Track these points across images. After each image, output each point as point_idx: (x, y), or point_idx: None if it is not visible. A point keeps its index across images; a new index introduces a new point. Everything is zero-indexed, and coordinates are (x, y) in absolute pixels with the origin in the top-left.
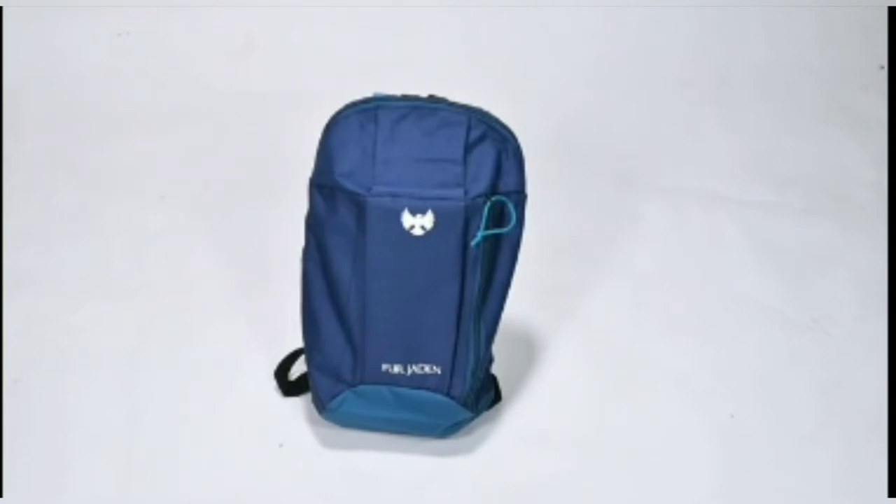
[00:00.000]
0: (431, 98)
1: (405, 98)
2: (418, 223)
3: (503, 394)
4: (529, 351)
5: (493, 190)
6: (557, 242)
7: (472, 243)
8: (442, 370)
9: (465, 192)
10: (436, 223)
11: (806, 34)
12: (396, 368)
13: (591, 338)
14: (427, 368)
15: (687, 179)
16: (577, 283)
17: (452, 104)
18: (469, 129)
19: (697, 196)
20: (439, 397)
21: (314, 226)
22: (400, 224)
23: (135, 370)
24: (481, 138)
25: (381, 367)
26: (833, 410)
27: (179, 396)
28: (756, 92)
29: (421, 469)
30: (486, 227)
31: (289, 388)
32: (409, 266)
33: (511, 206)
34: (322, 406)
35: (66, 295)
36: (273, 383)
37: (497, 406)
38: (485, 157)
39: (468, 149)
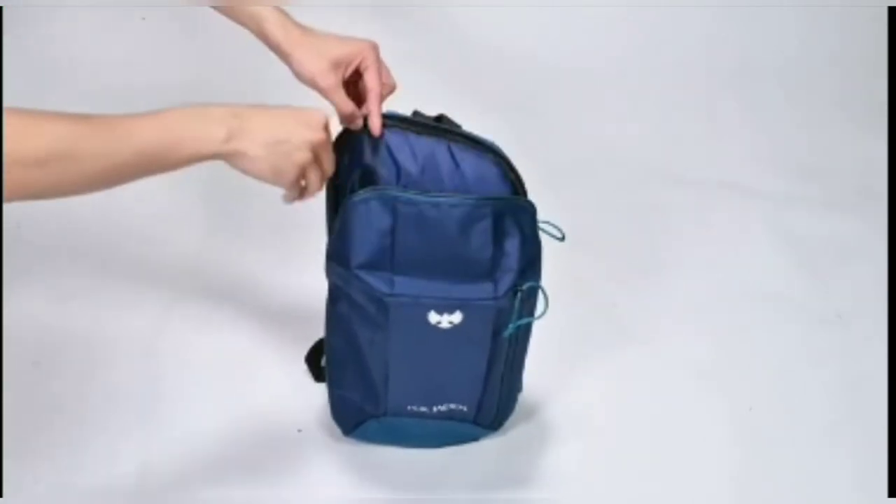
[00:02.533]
0: (441, 120)
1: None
2: (446, 319)
3: (524, 383)
4: (550, 341)
5: (521, 272)
6: (578, 234)
7: (505, 335)
8: (468, 407)
9: (495, 286)
10: (465, 319)
11: (830, 27)
12: (422, 409)
13: (612, 328)
14: (453, 406)
15: (709, 171)
16: (597, 275)
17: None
18: (494, 221)
19: (719, 187)
20: (466, 425)
21: (331, 284)
22: (426, 321)
23: (155, 355)
24: (505, 224)
25: (406, 408)
26: (853, 405)
27: (199, 382)
28: (779, 84)
29: (436, 456)
30: (518, 317)
31: (320, 373)
32: (435, 351)
33: (542, 290)
34: (344, 431)
35: (85, 278)
36: (293, 369)
37: (517, 395)
38: (511, 242)
39: (495, 242)
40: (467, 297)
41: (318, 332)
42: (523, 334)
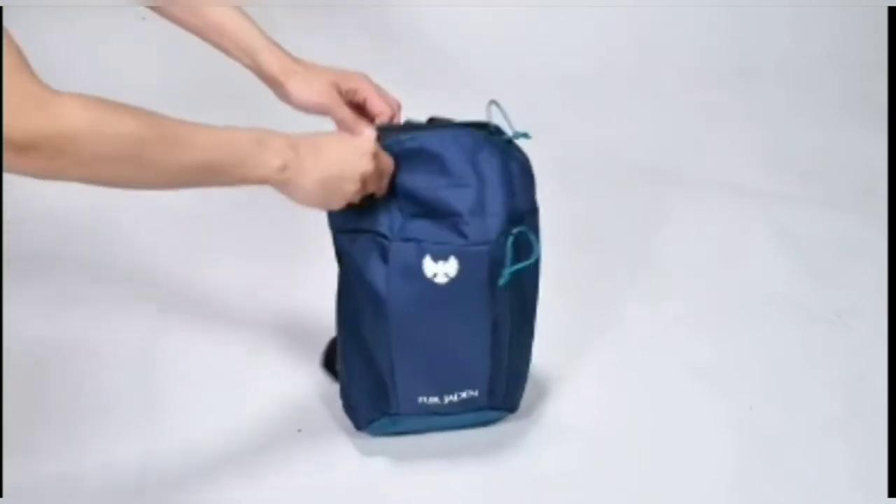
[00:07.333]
0: (432, 122)
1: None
2: (441, 270)
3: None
4: (550, 342)
5: (510, 219)
6: (579, 233)
7: (500, 283)
8: (479, 392)
9: (485, 232)
10: (460, 268)
11: (830, 26)
12: (433, 400)
13: (612, 329)
14: (464, 394)
15: (709, 171)
16: (598, 274)
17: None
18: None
19: (720, 187)
20: (482, 412)
21: (340, 266)
22: (421, 272)
23: (156, 356)
24: (489, 156)
25: (417, 401)
26: (853, 404)
27: (199, 383)
28: (780, 84)
29: (437, 455)
30: (512, 263)
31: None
32: (435, 313)
33: (532, 235)
34: (358, 427)
35: (85, 280)
36: (293, 369)
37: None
38: (493, 171)
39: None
40: (461, 242)
41: (317, 331)
42: (530, 301)
